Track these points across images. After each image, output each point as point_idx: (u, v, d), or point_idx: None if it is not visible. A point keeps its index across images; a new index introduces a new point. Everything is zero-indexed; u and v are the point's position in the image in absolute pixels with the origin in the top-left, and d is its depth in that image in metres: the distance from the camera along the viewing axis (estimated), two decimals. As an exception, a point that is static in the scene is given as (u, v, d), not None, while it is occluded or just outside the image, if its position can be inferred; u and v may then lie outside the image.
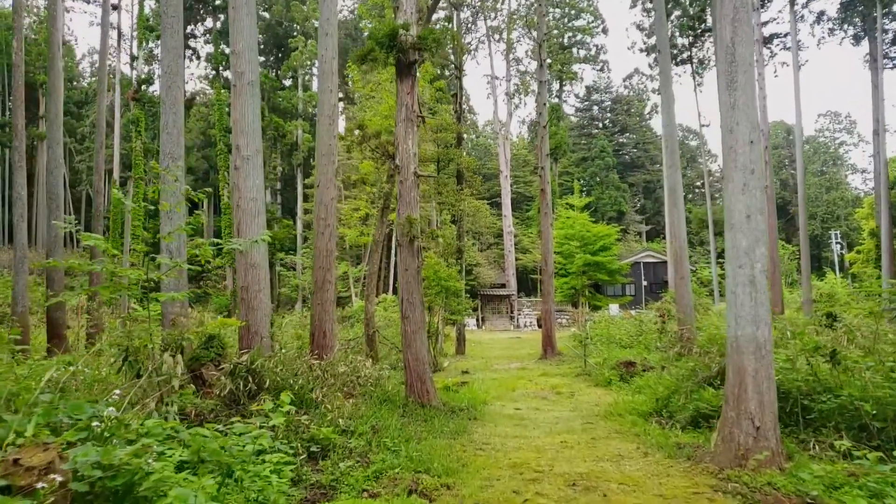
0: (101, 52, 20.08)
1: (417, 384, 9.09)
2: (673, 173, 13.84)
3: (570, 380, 15.16)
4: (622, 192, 60.48)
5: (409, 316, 9.17)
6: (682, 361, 12.11)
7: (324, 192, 10.30)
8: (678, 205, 13.71)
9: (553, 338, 20.45)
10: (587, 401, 11.66)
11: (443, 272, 18.92)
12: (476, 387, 13.39)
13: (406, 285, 9.18)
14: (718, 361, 9.46)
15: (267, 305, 8.40)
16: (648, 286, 44.45)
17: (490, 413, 9.77)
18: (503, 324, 40.98)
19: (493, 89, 47.69)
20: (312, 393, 7.47)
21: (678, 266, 13.70)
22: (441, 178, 22.21)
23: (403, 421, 8.08)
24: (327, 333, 10.05)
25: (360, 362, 9.89)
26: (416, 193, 9.26)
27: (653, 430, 8.28)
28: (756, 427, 5.74)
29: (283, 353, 8.30)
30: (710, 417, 8.30)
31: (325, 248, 10.20)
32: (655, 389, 10.80)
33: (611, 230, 35.25)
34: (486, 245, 53.05)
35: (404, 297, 9.18)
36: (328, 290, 10.16)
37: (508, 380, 15.22)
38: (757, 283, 5.96)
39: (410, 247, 9.20)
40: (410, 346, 9.15)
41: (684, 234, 13.77)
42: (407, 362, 9.20)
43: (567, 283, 35.18)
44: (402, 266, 9.26)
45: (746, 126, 6.12)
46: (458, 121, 23.25)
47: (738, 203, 6.10)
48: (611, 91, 70.08)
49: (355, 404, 8.34)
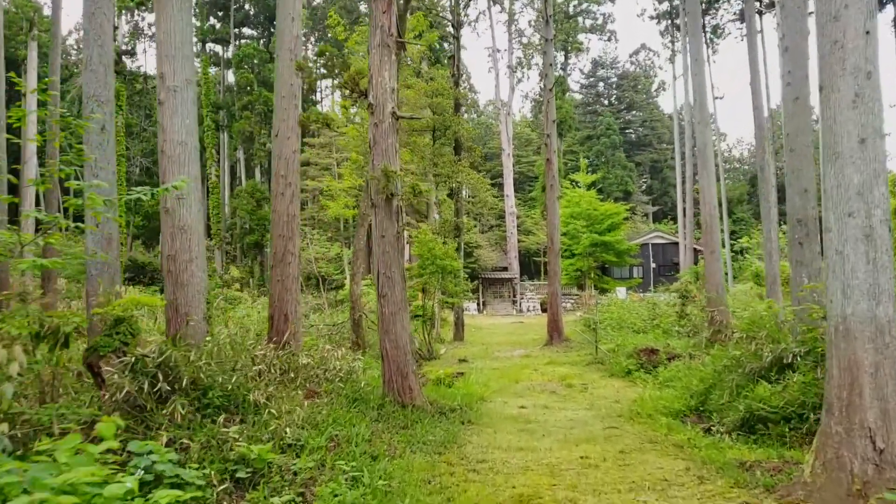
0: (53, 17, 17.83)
1: (397, 379, 7.24)
2: (703, 129, 11.87)
3: (580, 369, 13.34)
4: (629, 172, 58.15)
5: (388, 294, 7.30)
6: (718, 349, 10.26)
7: (284, 143, 8.38)
8: (708, 166, 11.76)
9: (560, 322, 18.61)
10: (605, 395, 9.83)
11: (438, 250, 17.02)
12: (474, 378, 11.57)
13: (383, 256, 7.30)
14: (772, 349, 7.61)
15: (201, 280, 6.53)
16: (657, 268, 42.49)
17: (489, 413, 7.94)
18: (505, 308, 39.16)
19: (495, 63, 45.22)
20: (251, 394, 5.62)
21: (707, 238, 11.78)
22: (437, 148, 20.23)
23: (377, 428, 6.25)
24: (289, 317, 8.19)
25: (330, 352, 8.05)
26: (394, 140, 7.34)
27: (697, 438, 6.45)
28: (878, 449, 3.88)
29: (223, 341, 6.44)
30: (767, 421, 6.48)
31: (285, 213, 8.31)
32: (688, 383, 8.98)
33: (619, 208, 33.12)
34: (488, 227, 51.06)
35: (381, 271, 7.31)
36: (291, 264, 8.29)
37: (511, 369, 13.41)
38: (876, 237, 4.06)
39: (388, 207, 7.31)
40: (389, 331, 7.29)
41: (714, 200, 11.83)
42: (384, 351, 7.34)
43: (572, 265, 33.20)
44: (377, 232, 7.37)
45: (860, 9, 4.18)
46: (455, 85, 21.21)
47: (847, 121, 4.17)
48: (617, 66, 67.33)
49: (316, 405, 6.51)
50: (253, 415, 5.52)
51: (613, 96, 67.78)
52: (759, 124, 15.16)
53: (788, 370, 7.24)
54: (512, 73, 44.18)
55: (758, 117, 15.17)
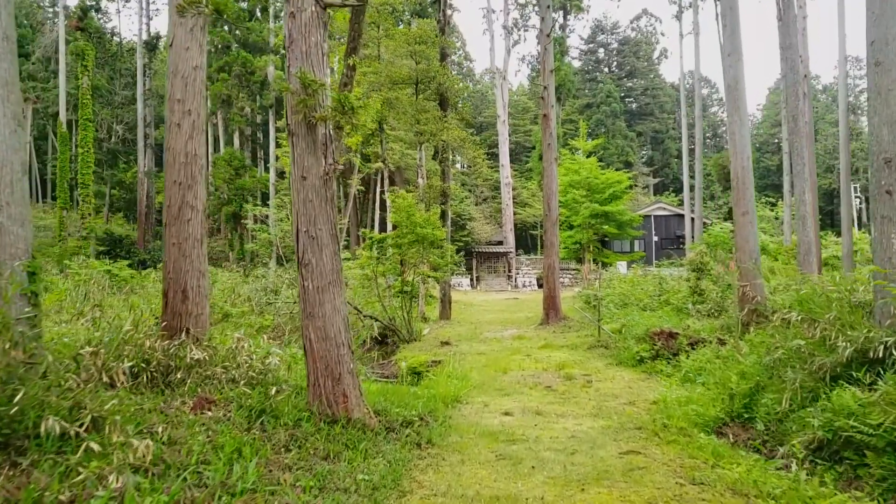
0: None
1: (326, 383, 5.08)
2: (734, 62, 9.55)
3: (581, 355, 11.24)
4: (629, 142, 55.64)
5: (311, 262, 5.09)
6: (758, 334, 8.13)
7: (180, 54, 6.07)
8: (740, 107, 9.48)
9: (557, 299, 16.48)
10: (614, 393, 7.71)
11: (418, 216, 14.76)
12: (452, 368, 9.46)
13: (304, 206, 5.07)
14: (849, 338, 5.48)
15: (21, 240, 4.30)
16: (659, 242, 40.34)
17: (460, 427, 5.79)
18: (500, 284, 37.05)
19: (490, 24, 42.53)
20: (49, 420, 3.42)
21: (739, 196, 9.56)
22: (420, 103, 17.79)
23: (279, 461, 4.11)
24: (190, 293, 5.98)
25: (240, 341, 5.86)
26: (320, 38, 5.05)
27: (760, 472, 4.33)
28: None
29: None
30: (864, 448, 4.37)
31: (183, 151, 6.05)
32: (723, 378, 6.87)
33: (622, 177, 30.72)
34: (482, 198, 48.69)
35: (301, 229, 5.08)
36: (191, 221, 6.06)
37: (500, 355, 11.30)
38: None
39: (310, 135, 5.05)
40: (314, 314, 5.09)
41: (748, 149, 9.58)
42: (307, 343, 5.16)
43: (571, 238, 30.99)
44: (295, 171, 5.12)
45: None
46: (441, 32, 18.68)
47: None
48: (617, 32, 64.18)
49: (198, 423, 4.36)
50: (54, 454, 3.36)
51: (614, 63, 64.84)
52: (791, 65, 12.89)
53: (878, 367, 5.15)
54: (508, 35, 41.30)
55: (790, 57, 12.90)
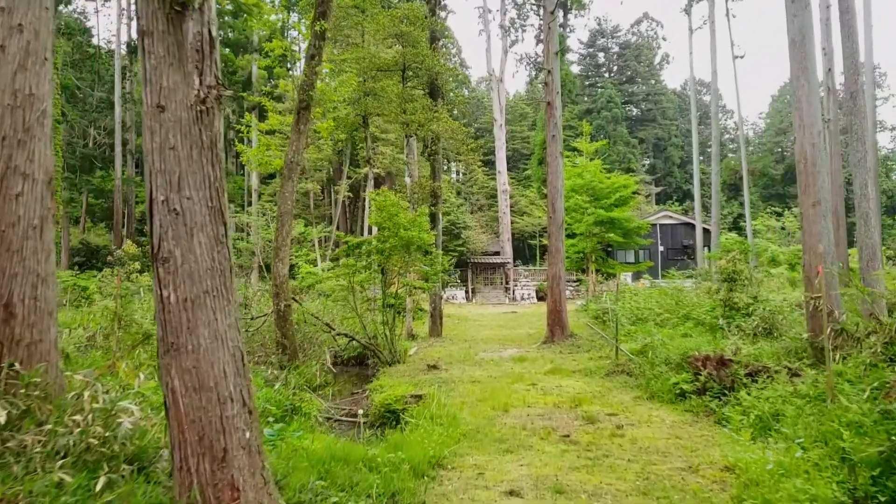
0: None
1: (202, 466, 2.87)
2: (800, 9, 7.48)
3: (599, 384, 9.03)
4: (631, 148, 53.73)
5: (174, 256, 2.91)
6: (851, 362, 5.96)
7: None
8: (808, 66, 7.37)
9: (563, 313, 14.30)
10: (659, 449, 5.48)
11: (402, 217, 12.59)
12: (437, 406, 7.24)
13: (161, 156, 2.90)
14: None
15: None
16: (666, 252, 38.25)
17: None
18: (497, 296, 34.80)
19: (486, 24, 40.43)
20: None
21: (809, 180, 7.41)
22: (407, 91, 15.70)
23: None
24: (18, 309, 3.80)
25: (80, 382, 3.65)
26: None
27: None
28: None
29: None
30: None
31: (8, 88, 3.90)
32: (824, 433, 4.71)
33: (629, 180, 28.48)
34: (478, 207, 46.56)
35: (157, 197, 2.91)
36: (22, 198, 3.89)
37: (498, 383, 9.09)
38: None
39: (173, 33, 2.90)
40: (179, 346, 2.91)
41: (819, 122, 7.47)
42: (169, 396, 2.95)
43: (574, 247, 28.73)
44: (149, 98, 2.96)
45: None
46: (431, 13, 16.67)
47: None
48: (618, 36, 62.50)
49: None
50: None
51: (615, 67, 63.11)
52: (848, 32, 10.95)
53: None
54: (505, 34, 39.47)
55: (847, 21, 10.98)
